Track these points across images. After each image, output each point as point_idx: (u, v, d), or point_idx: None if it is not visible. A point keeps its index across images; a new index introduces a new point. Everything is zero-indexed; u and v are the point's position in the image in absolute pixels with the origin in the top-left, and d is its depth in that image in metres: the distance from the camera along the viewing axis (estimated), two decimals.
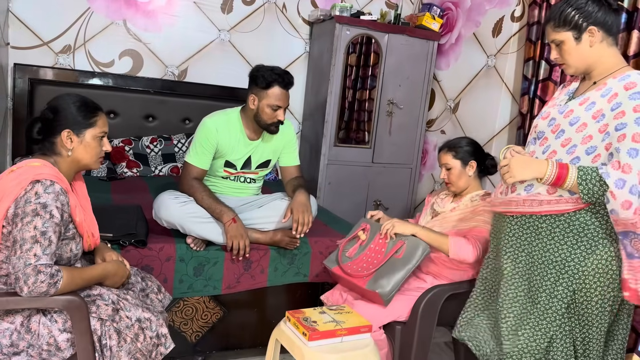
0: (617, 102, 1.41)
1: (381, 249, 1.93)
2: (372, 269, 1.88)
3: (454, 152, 2.05)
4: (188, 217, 2.01)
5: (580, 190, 1.42)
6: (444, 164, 2.06)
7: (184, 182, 2.13)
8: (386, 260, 1.88)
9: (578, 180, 1.41)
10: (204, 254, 2.04)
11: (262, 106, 2.13)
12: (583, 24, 1.45)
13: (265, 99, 2.12)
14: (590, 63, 1.51)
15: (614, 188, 1.35)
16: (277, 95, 2.12)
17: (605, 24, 1.46)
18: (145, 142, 3.29)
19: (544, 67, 2.73)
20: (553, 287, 1.52)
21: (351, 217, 3.55)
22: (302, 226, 2.02)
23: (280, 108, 2.14)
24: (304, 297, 2.33)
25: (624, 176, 1.35)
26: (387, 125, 3.54)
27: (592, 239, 1.47)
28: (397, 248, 1.89)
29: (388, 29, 3.40)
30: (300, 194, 2.11)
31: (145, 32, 3.34)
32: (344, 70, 3.37)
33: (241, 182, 2.30)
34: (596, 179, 1.39)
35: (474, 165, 2.04)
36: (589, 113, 1.46)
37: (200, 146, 2.15)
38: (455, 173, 2.04)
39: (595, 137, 1.44)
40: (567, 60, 1.52)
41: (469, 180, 2.05)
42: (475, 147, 2.08)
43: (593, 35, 1.46)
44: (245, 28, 3.55)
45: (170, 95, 3.38)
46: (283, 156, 2.35)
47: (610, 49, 1.50)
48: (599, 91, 1.47)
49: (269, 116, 2.14)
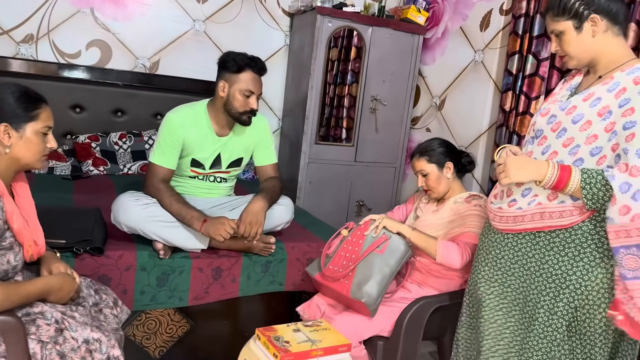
0: (625, 98, 1.28)
1: (359, 241, 1.80)
2: (351, 265, 1.75)
3: (427, 156, 1.92)
4: (151, 220, 1.83)
5: (583, 196, 1.28)
6: (419, 170, 1.94)
7: (149, 186, 1.94)
8: (366, 254, 1.75)
9: (582, 184, 1.27)
10: (168, 262, 1.86)
11: (233, 92, 1.96)
12: (584, 12, 1.32)
13: (237, 84, 1.95)
14: (594, 55, 1.38)
15: (617, 192, 1.21)
16: (250, 80, 1.95)
17: (610, 12, 1.32)
18: (113, 138, 3.11)
19: (531, 61, 2.60)
20: (552, 302, 1.38)
21: (333, 219, 3.41)
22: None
23: (252, 94, 1.97)
24: (279, 307, 2.16)
25: (630, 180, 1.20)
26: (371, 122, 3.40)
27: (595, 251, 1.33)
28: (380, 243, 1.76)
29: (372, 21, 3.25)
30: (256, 201, 1.91)
31: (114, 21, 3.16)
32: (325, 64, 3.21)
33: (211, 181, 2.12)
34: (601, 183, 1.26)
35: (451, 167, 1.91)
36: (594, 110, 1.32)
37: (164, 144, 1.96)
38: (433, 178, 1.91)
39: (600, 137, 1.31)
40: (568, 52, 1.39)
41: (449, 183, 1.92)
42: (449, 147, 1.96)
43: (596, 24, 1.33)
44: (221, 18, 3.37)
45: (141, 88, 3.21)
46: (257, 154, 2.17)
47: (616, 39, 1.36)
48: (605, 85, 1.34)
49: (240, 103, 1.96)
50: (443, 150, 1.93)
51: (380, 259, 1.72)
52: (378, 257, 1.73)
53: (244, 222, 1.85)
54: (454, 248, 1.73)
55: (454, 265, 1.74)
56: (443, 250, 1.74)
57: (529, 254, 1.43)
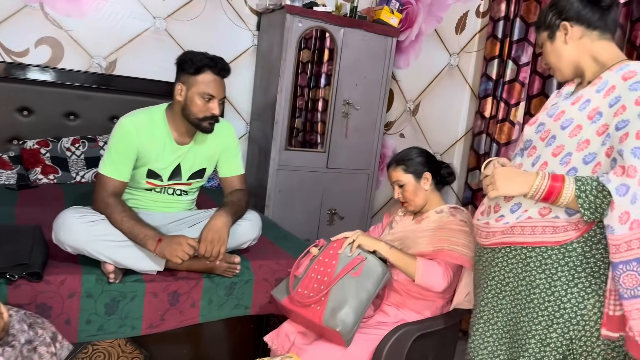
0: (615, 97, 1.19)
1: (331, 261, 1.64)
2: (323, 289, 1.59)
3: (403, 165, 1.79)
4: (99, 240, 1.62)
5: (580, 205, 1.17)
6: (395, 181, 1.80)
7: (98, 200, 1.73)
8: (340, 277, 1.59)
9: (576, 192, 1.16)
10: (118, 287, 1.65)
11: (191, 96, 1.77)
12: (556, 21, 1.32)
13: (195, 87, 1.76)
14: (574, 63, 1.32)
15: (615, 195, 1.10)
16: (209, 82, 1.76)
17: (581, 18, 1.29)
18: (65, 143, 2.87)
19: (510, 67, 2.50)
20: (545, 333, 1.25)
21: (303, 229, 3.25)
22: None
23: (213, 99, 1.78)
24: (245, 333, 1.97)
25: (627, 181, 1.09)
26: (343, 127, 3.25)
27: (591, 275, 1.21)
28: (355, 264, 1.61)
29: (344, 22, 3.10)
30: (218, 216, 1.72)
31: (67, 17, 2.92)
32: (295, 66, 3.05)
33: (169, 194, 1.92)
34: (597, 189, 1.15)
35: (429, 177, 1.78)
36: (584, 113, 1.23)
37: (116, 153, 1.75)
38: (409, 189, 1.77)
39: (593, 142, 1.20)
40: (549, 63, 1.38)
41: (427, 195, 1.79)
42: (427, 157, 1.82)
43: (566, 31, 1.31)
44: (184, 16, 3.16)
45: (96, 90, 2.98)
46: (221, 164, 1.98)
47: (598, 44, 1.29)
48: (593, 87, 1.25)
49: (199, 108, 1.77)
50: (421, 160, 1.80)
51: (356, 283, 1.57)
52: (354, 280, 1.58)
53: (205, 241, 1.66)
54: (437, 269, 1.59)
55: (435, 288, 1.60)
56: (423, 270, 1.60)
57: (520, 276, 1.30)
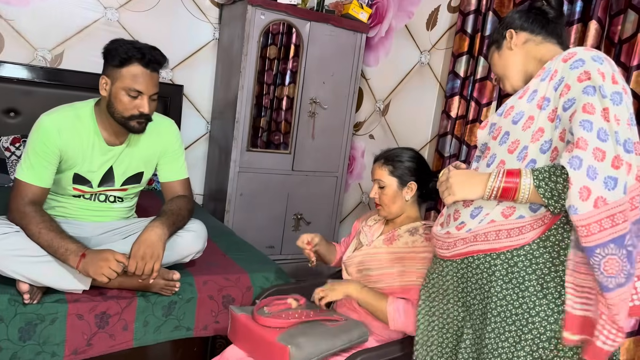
0: (559, 79, 1.13)
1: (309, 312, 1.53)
2: (292, 320, 1.45)
3: (391, 166, 1.61)
4: (11, 255, 1.41)
5: (542, 195, 1.05)
6: (377, 179, 1.62)
7: (13, 209, 1.52)
8: (316, 319, 1.49)
9: (535, 182, 1.06)
10: (35, 309, 1.44)
11: (116, 91, 1.56)
12: (502, 32, 1.34)
13: (120, 81, 1.55)
14: (522, 68, 1.30)
15: (569, 169, 0.98)
16: (135, 76, 1.55)
17: (524, 25, 1.31)
18: (4, 143, 2.64)
19: (482, 64, 2.35)
20: (512, 352, 1.11)
21: (267, 234, 3.07)
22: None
23: (141, 95, 1.57)
24: (188, 356, 1.78)
25: (579, 152, 0.98)
26: (310, 127, 3.07)
27: (561, 284, 1.08)
28: (334, 319, 1.51)
29: (310, 16, 2.92)
30: (152, 228, 1.52)
31: (7, 5, 2.68)
32: (259, 62, 2.85)
33: (100, 201, 1.71)
34: (556, 174, 1.04)
35: (414, 188, 1.60)
36: (533, 103, 1.17)
37: (34, 156, 1.54)
38: (388, 194, 1.60)
39: (546, 129, 1.13)
40: (496, 74, 1.36)
41: (404, 206, 1.62)
42: (419, 165, 1.64)
43: (511, 37, 1.31)
44: (138, 6, 2.94)
45: (40, 85, 2.74)
46: (162, 167, 1.78)
47: (542, 46, 1.28)
48: (537, 77, 1.20)
49: (125, 106, 1.57)
50: (411, 166, 1.62)
51: (329, 332, 1.44)
52: (328, 328, 1.45)
53: (135, 257, 1.46)
54: (410, 313, 1.44)
55: (409, 331, 1.45)
56: (395, 314, 1.46)
57: (485, 287, 1.17)
